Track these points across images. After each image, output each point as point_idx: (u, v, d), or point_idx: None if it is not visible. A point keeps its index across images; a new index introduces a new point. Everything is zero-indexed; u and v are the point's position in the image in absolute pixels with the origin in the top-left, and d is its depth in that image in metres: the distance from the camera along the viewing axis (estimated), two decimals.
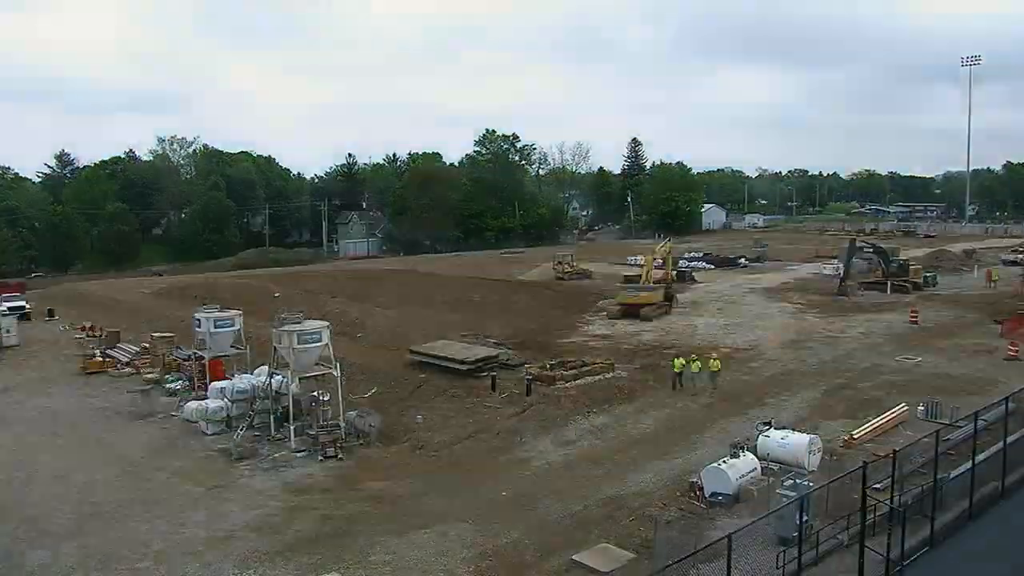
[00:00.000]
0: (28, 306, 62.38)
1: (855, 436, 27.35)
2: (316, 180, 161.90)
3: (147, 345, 46.46)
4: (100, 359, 45.03)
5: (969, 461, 21.22)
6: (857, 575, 16.93)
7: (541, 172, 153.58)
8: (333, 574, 19.92)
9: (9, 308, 60.14)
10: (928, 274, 66.20)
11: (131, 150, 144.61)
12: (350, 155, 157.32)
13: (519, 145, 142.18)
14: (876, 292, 60.60)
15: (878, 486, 19.61)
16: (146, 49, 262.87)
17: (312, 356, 31.97)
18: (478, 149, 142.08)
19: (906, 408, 30.03)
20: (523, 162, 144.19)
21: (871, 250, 66.23)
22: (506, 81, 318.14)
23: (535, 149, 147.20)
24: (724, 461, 23.65)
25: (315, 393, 32.62)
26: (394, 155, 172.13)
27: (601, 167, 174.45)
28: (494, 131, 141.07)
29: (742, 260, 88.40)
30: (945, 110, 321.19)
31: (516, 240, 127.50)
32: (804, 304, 58.13)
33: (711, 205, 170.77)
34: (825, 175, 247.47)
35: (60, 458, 29.67)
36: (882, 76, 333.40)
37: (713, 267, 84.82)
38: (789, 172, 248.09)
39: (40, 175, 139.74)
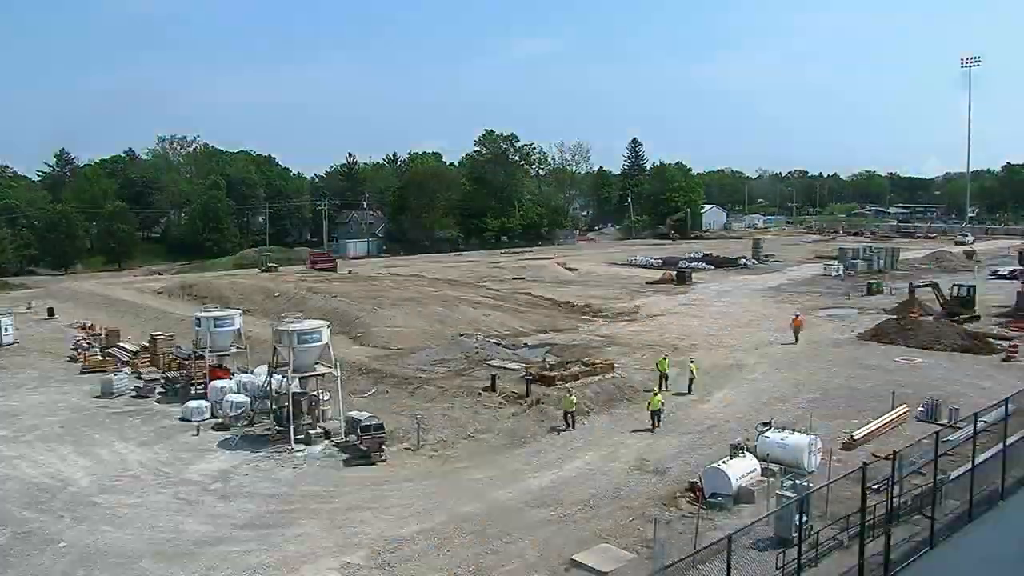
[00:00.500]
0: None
1: (855, 437, 27.36)
2: (316, 180, 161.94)
3: (147, 344, 46.45)
4: (100, 357, 45.11)
5: (969, 462, 21.22)
6: (857, 575, 16.91)
7: (541, 172, 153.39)
8: (333, 573, 19.93)
9: None
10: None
11: (130, 149, 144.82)
12: (350, 155, 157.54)
13: (519, 145, 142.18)
14: None
15: (877, 487, 19.62)
16: None
17: (312, 355, 31.96)
18: (478, 149, 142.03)
19: (906, 410, 30.08)
20: (523, 162, 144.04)
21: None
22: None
23: (535, 149, 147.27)
24: (724, 461, 23.67)
25: (315, 393, 32.63)
26: (394, 155, 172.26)
27: (601, 167, 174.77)
28: (493, 131, 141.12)
29: (743, 261, 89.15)
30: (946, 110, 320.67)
31: (516, 240, 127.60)
32: (804, 305, 58.24)
33: (711, 206, 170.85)
34: (825, 175, 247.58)
35: (61, 458, 29.66)
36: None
37: (713, 267, 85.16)
38: (789, 172, 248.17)
39: (39, 173, 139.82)
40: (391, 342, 46.65)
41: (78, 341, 49.75)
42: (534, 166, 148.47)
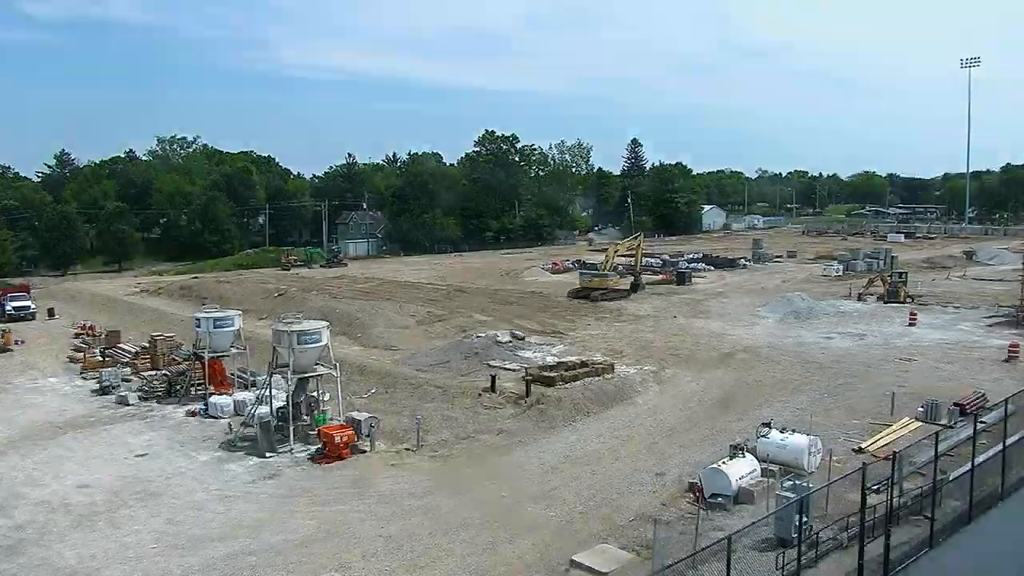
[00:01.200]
0: (34, 307, 62.23)
1: (864, 448, 26.86)
2: (316, 180, 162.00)
3: (147, 344, 46.41)
4: (99, 358, 45.09)
5: (968, 462, 21.22)
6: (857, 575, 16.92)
7: (541, 173, 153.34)
8: (333, 574, 19.92)
9: (15, 308, 60.37)
10: None
11: (131, 150, 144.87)
12: (350, 155, 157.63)
13: (519, 145, 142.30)
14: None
15: (877, 487, 19.62)
16: None
17: (311, 356, 31.92)
18: (477, 149, 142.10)
19: (918, 427, 29.20)
20: (522, 163, 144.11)
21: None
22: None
23: (535, 150, 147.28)
24: (724, 462, 23.65)
25: (315, 393, 32.60)
26: (394, 155, 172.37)
27: (600, 167, 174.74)
28: (494, 131, 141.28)
29: (741, 261, 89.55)
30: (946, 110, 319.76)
31: (517, 240, 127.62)
32: None
33: (711, 206, 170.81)
34: (825, 176, 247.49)
35: (66, 456, 29.69)
36: None
37: (712, 268, 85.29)
38: (789, 173, 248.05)
39: (40, 174, 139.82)
40: (391, 342, 46.65)
41: (78, 342, 49.75)
42: (534, 167, 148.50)
